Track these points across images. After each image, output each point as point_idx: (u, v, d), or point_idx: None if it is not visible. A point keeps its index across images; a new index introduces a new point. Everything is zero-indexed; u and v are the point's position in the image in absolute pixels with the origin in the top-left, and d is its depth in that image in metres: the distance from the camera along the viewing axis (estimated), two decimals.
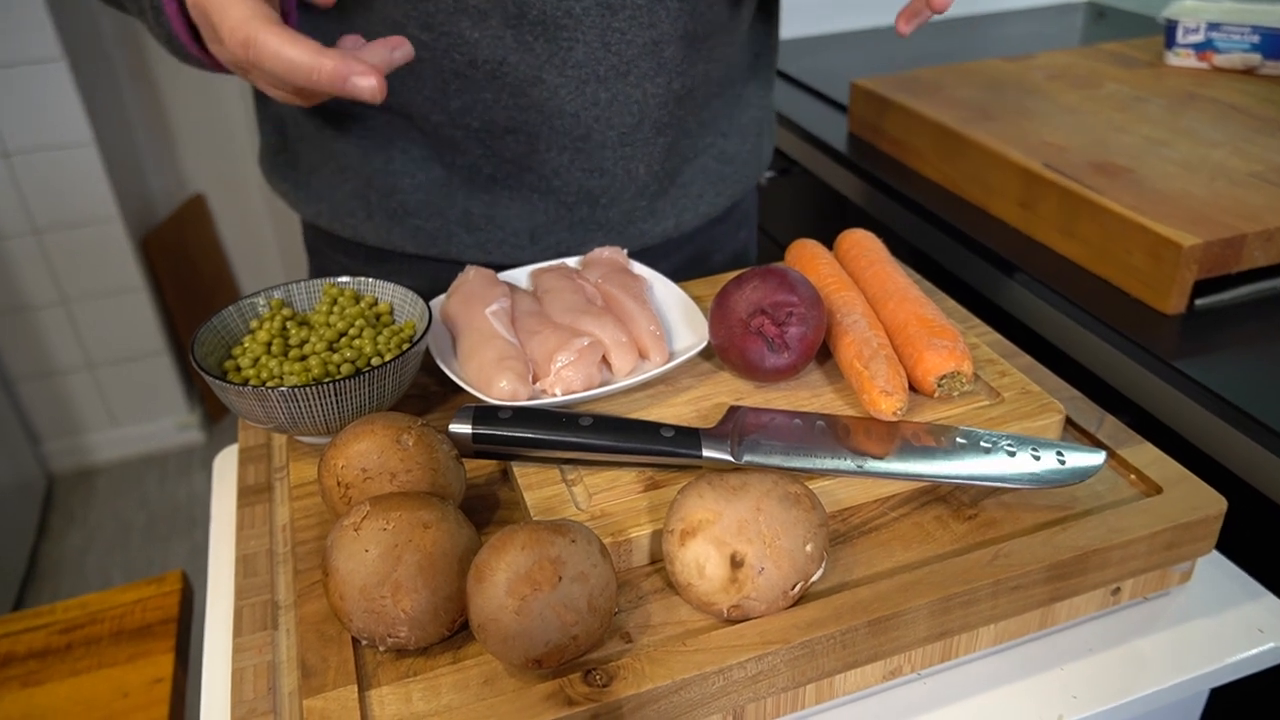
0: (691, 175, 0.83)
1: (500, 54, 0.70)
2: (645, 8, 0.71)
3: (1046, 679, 0.53)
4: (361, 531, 0.48)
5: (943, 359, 0.60)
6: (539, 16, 0.68)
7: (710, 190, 0.84)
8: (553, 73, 0.71)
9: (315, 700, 0.46)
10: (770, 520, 0.48)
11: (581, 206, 0.78)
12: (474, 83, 0.71)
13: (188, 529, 2.11)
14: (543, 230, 0.79)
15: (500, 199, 0.77)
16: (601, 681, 0.46)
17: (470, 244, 0.79)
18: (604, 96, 0.73)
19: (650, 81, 0.74)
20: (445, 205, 0.78)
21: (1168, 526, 0.53)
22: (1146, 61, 1.17)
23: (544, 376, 0.64)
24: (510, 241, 0.79)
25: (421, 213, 0.78)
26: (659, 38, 0.72)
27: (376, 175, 0.78)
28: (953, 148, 1.00)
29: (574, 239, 0.80)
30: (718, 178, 0.85)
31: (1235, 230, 0.77)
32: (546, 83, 0.71)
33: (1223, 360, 0.72)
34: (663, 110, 0.76)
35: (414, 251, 0.80)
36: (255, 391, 0.58)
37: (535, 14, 0.68)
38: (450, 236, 0.79)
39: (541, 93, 0.72)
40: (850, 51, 1.45)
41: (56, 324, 2.13)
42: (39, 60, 1.88)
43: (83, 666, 0.75)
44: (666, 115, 0.77)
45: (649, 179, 0.79)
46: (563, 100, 0.72)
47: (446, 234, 0.79)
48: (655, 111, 0.76)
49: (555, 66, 0.71)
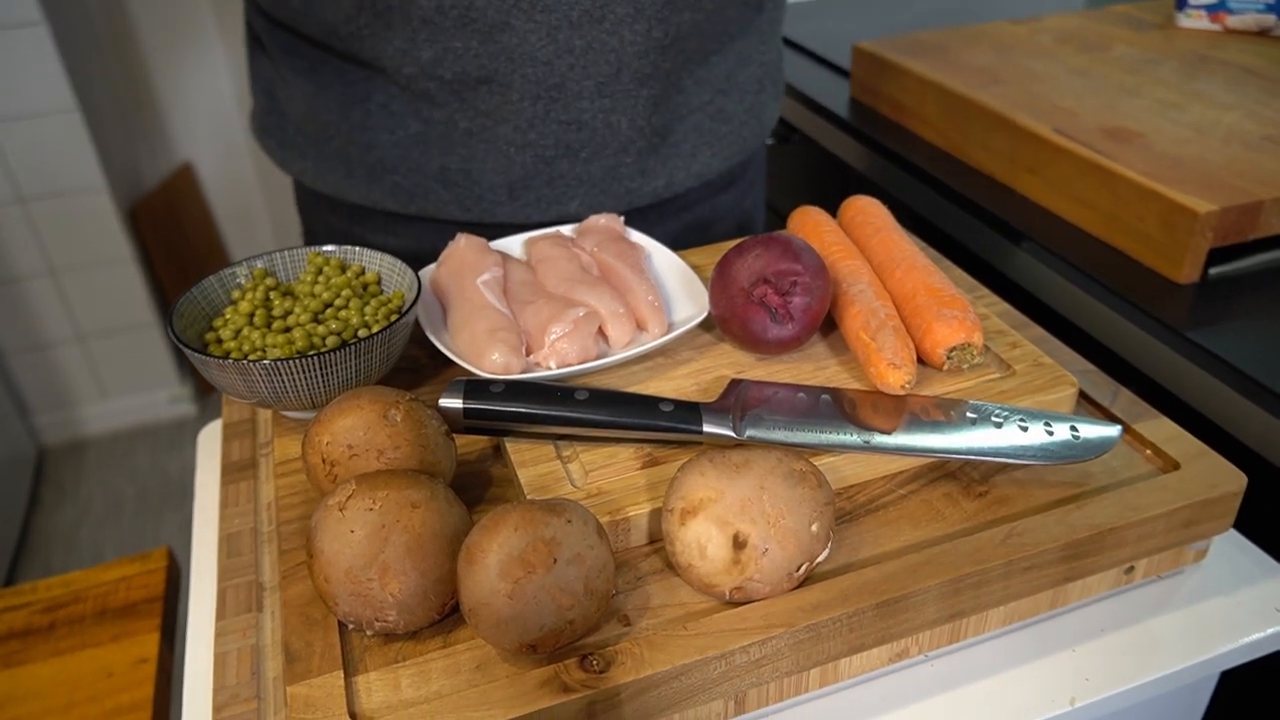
0: (684, 133, 0.80)
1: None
2: None
3: (1058, 660, 0.52)
4: (347, 511, 0.46)
5: (952, 330, 0.58)
6: None
7: (705, 150, 0.82)
8: (520, 17, 0.69)
9: (299, 686, 0.45)
10: (774, 499, 0.46)
11: (560, 161, 0.76)
12: (443, 30, 0.69)
13: (180, 502, 2.10)
14: (521, 186, 0.77)
15: (476, 153, 0.75)
16: (598, 667, 0.44)
17: (449, 200, 0.78)
18: (578, 44, 0.70)
19: (627, 28, 0.71)
20: (423, 161, 0.76)
21: (1186, 504, 0.51)
22: (1157, 23, 1.14)
23: (538, 349, 0.61)
24: (488, 197, 0.77)
25: (400, 169, 0.77)
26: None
27: (355, 131, 0.76)
28: (958, 112, 0.97)
29: (554, 194, 0.77)
30: (714, 137, 0.82)
31: (1252, 196, 0.74)
32: (515, 28, 0.69)
33: (1238, 330, 0.70)
34: (643, 60, 0.73)
35: (394, 209, 0.79)
36: (236, 365, 0.56)
37: None
38: (428, 193, 0.77)
39: (511, 39, 0.70)
40: (852, 14, 1.41)
41: (44, 295, 2.10)
42: (18, 24, 1.83)
43: (66, 646, 0.73)
44: (649, 65, 0.74)
45: (633, 133, 0.77)
46: (533, 47, 0.70)
47: (425, 190, 0.77)
48: (635, 61, 0.73)
49: (523, 10, 0.68)
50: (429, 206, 0.78)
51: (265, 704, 0.48)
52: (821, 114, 1.14)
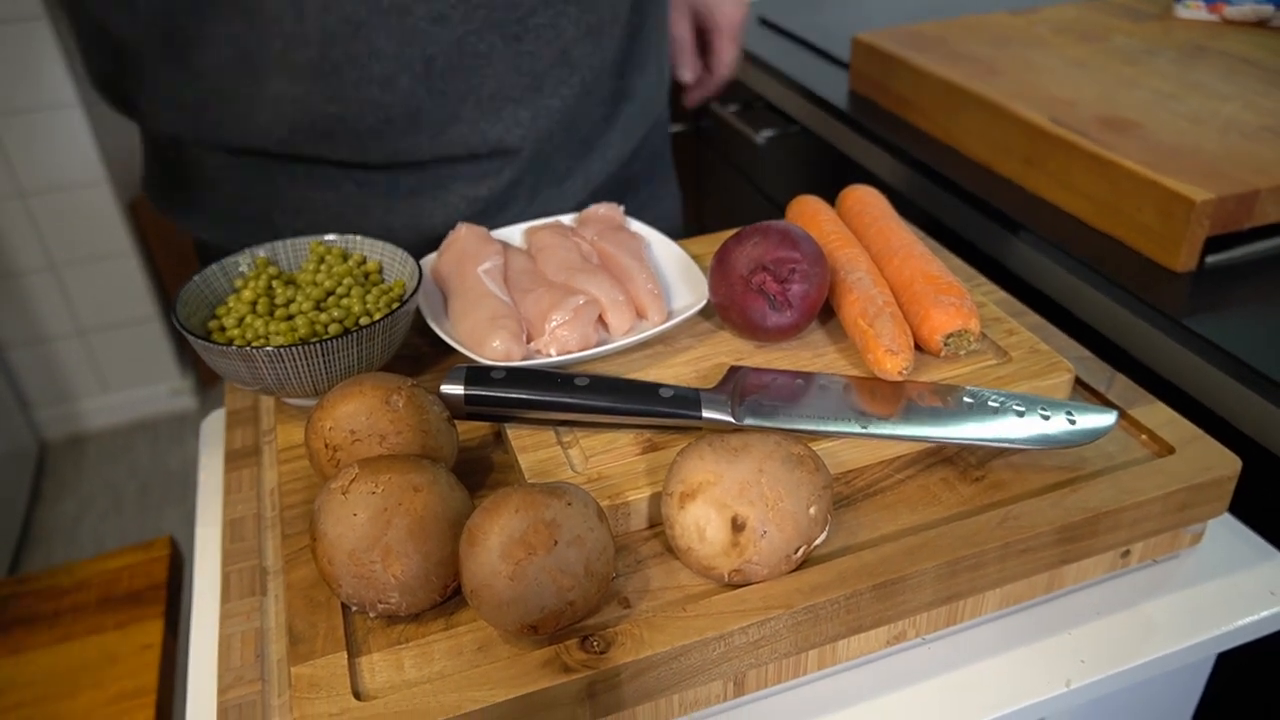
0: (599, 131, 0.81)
1: (414, 105, 0.69)
2: (549, 24, 0.71)
3: (1054, 643, 0.52)
4: (350, 495, 0.46)
5: (949, 317, 0.59)
6: (446, 65, 0.68)
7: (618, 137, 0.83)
8: (469, 107, 0.71)
9: (304, 667, 0.45)
10: (773, 482, 0.47)
11: (505, 199, 0.78)
12: (390, 136, 0.70)
13: (181, 495, 2.10)
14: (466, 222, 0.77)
15: (423, 209, 0.76)
16: (599, 648, 0.45)
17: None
18: (524, 115, 0.73)
19: (564, 86, 0.74)
20: (361, 220, 0.76)
21: (1181, 487, 0.52)
22: (1155, 14, 1.14)
23: (538, 336, 0.62)
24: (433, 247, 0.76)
25: (335, 227, 0.75)
26: (566, 45, 0.73)
27: (281, 195, 0.75)
28: (957, 104, 0.97)
29: (494, 224, 0.78)
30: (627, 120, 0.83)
31: (1248, 185, 0.75)
32: (464, 117, 0.71)
33: (1234, 318, 0.70)
34: (578, 102, 0.76)
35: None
36: (240, 352, 0.56)
37: (442, 64, 0.68)
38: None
39: (460, 128, 0.72)
40: (852, 6, 1.41)
41: (45, 290, 2.10)
42: (20, 19, 1.83)
43: (71, 633, 0.74)
44: (581, 105, 0.77)
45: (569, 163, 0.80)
46: (484, 130, 0.72)
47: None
48: (572, 106, 0.76)
49: (471, 101, 0.70)
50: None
51: (270, 686, 0.48)
52: (821, 106, 1.14)
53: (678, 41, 0.98)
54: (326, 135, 0.69)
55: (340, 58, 0.65)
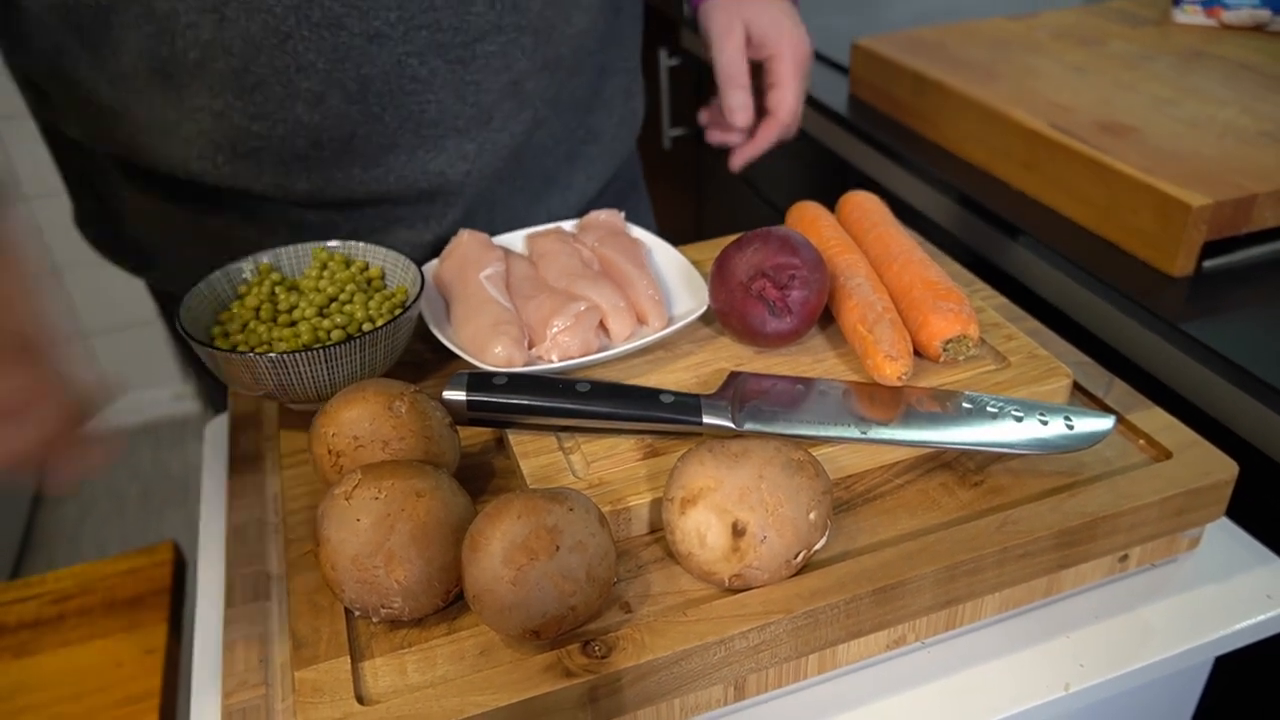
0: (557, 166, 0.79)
1: (347, 129, 0.66)
2: (499, 53, 0.67)
3: (1053, 647, 0.53)
4: (353, 500, 0.47)
5: (948, 322, 0.59)
6: (383, 87, 0.64)
7: (580, 176, 0.81)
8: (409, 136, 0.67)
9: (307, 672, 0.45)
10: (773, 488, 0.47)
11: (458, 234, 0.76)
12: (320, 163, 0.67)
13: (183, 499, 2.10)
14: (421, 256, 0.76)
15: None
16: (600, 652, 0.45)
17: None
18: (469, 148, 0.70)
19: (514, 120, 0.71)
20: None
21: (1178, 492, 0.52)
22: (1153, 19, 1.15)
23: (540, 342, 0.62)
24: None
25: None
26: (517, 77, 0.69)
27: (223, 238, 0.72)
28: (956, 109, 0.98)
29: None
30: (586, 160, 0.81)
31: (1245, 190, 0.75)
32: (403, 146, 0.68)
33: (1231, 323, 0.71)
34: (529, 139, 0.74)
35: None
36: (243, 358, 0.57)
37: (379, 85, 0.64)
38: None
39: (399, 157, 0.68)
40: (851, 12, 1.42)
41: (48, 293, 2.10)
42: None
43: (75, 637, 0.74)
44: (537, 141, 0.74)
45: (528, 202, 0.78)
46: (424, 160, 0.69)
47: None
48: (523, 143, 0.73)
49: (410, 129, 0.67)
50: None
51: (273, 690, 0.49)
52: (821, 110, 1.14)
53: (726, 72, 0.78)
54: (250, 156, 0.66)
55: (265, 70, 0.62)
